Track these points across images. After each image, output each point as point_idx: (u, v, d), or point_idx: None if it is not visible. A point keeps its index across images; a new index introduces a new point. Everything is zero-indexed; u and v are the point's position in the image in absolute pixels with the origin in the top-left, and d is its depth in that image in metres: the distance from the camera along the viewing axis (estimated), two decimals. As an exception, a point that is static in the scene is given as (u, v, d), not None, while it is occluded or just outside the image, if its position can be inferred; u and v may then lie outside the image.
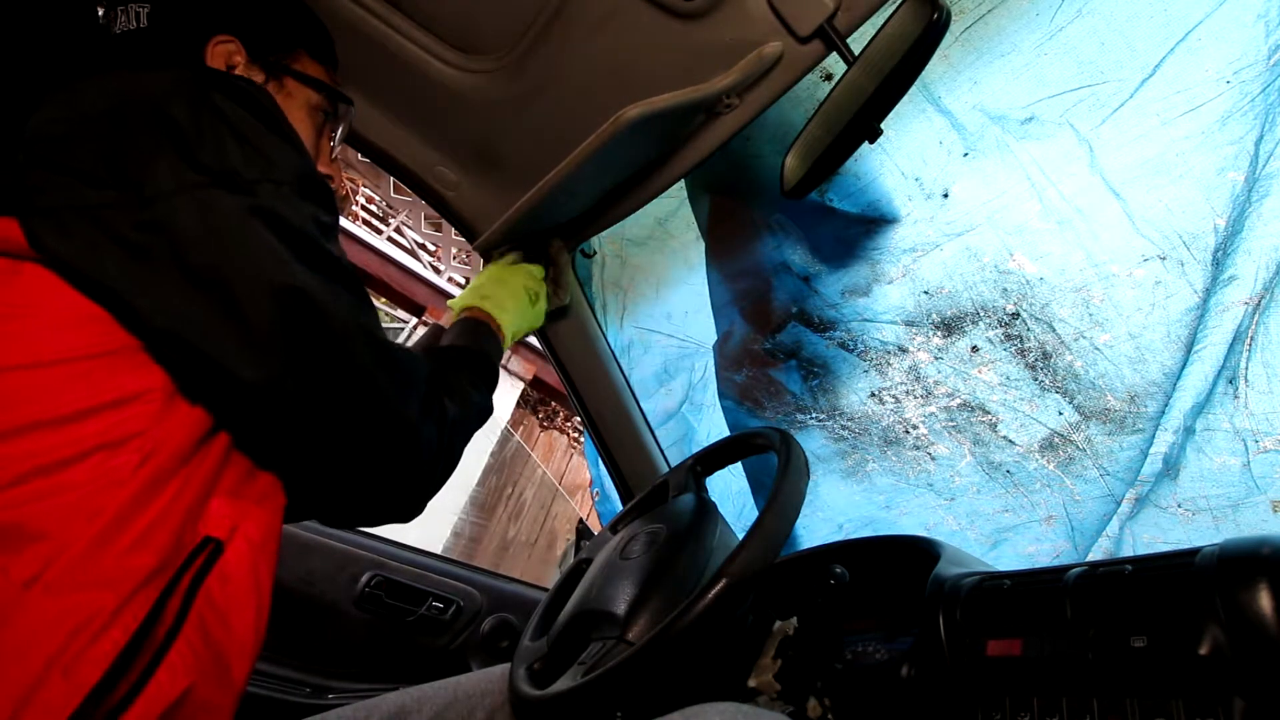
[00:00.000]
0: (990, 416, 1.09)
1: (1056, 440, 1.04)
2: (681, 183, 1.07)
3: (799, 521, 0.85)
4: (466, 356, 0.87)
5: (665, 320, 1.45)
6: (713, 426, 1.47)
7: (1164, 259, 0.89)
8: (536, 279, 1.09)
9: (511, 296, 1.04)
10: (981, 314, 1.06)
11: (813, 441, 1.29)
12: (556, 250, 1.16)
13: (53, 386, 0.51)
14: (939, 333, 1.10)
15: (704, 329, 1.42)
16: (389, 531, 1.35)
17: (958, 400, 1.12)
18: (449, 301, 1.10)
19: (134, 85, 0.60)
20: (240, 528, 0.58)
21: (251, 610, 0.58)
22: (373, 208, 5.76)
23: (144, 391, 0.54)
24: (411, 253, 5.58)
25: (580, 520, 1.52)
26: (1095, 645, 0.60)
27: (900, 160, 1.05)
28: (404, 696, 0.90)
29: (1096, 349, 0.97)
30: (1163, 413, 0.90)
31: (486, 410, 0.84)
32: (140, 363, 0.55)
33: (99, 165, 0.55)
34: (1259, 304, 0.80)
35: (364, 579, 1.28)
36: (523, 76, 0.93)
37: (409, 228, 5.59)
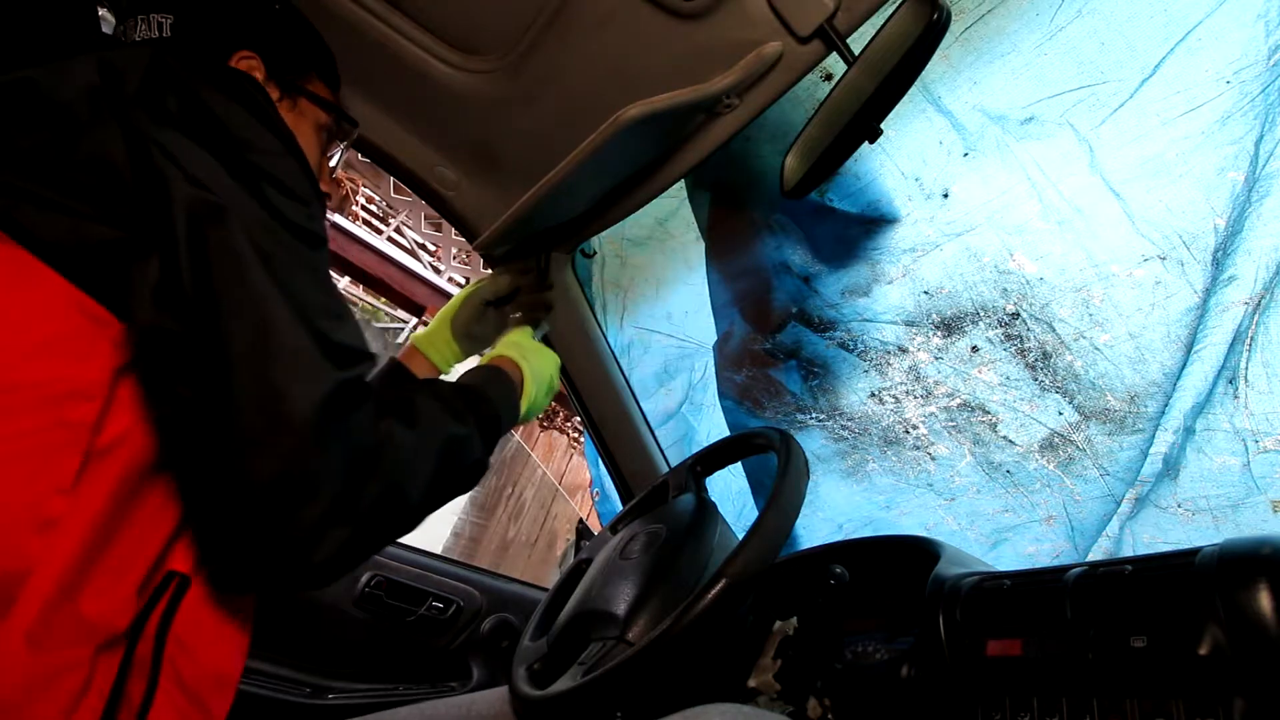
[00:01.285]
0: (990, 416, 1.09)
1: (1056, 440, 1.04)
2: (681, 183, 1.07)
3: (799, 521, 0.85)
4: (460, 390, 0.73)
5: (665, 320, 1.45)
6: (713, 426, 1.47)
7: (1164, 259, 0.89)
8: (559, 367, 1.01)
9: (543, 368, 0.94)
10: (981, 314, 1.06)
11: (813, 441, 1.29)
12: (555, 262, 1.16)
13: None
14: (939, 333, 1.10)
15: (704, 329, 1.42)
16: (389, 531, 1.35)
17: (958, 400, 1.12)
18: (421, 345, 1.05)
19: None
20: (205, 559, 0.56)
21: (226, 643, 0.57)
22: (373, 208, 5.76)
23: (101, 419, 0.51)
24: (411, 253, 5.58)
25: (580, 520, 1.52)
26: (1095, 645, 0.60)
27: (900, 160, 1.05)
28: (414, 713, 0.90)
29: (1096, 349, 0.97)
30: (1163, 413, 0.90)
31: (465, 455, 0.65)
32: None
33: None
34: (1259, 304, 0.80)
35: (364, 579, 1.28)
36: (523, 76, 0.93)
37: (409, 228, 5.59)
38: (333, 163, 0.87)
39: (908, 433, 1.19)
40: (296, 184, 0.59)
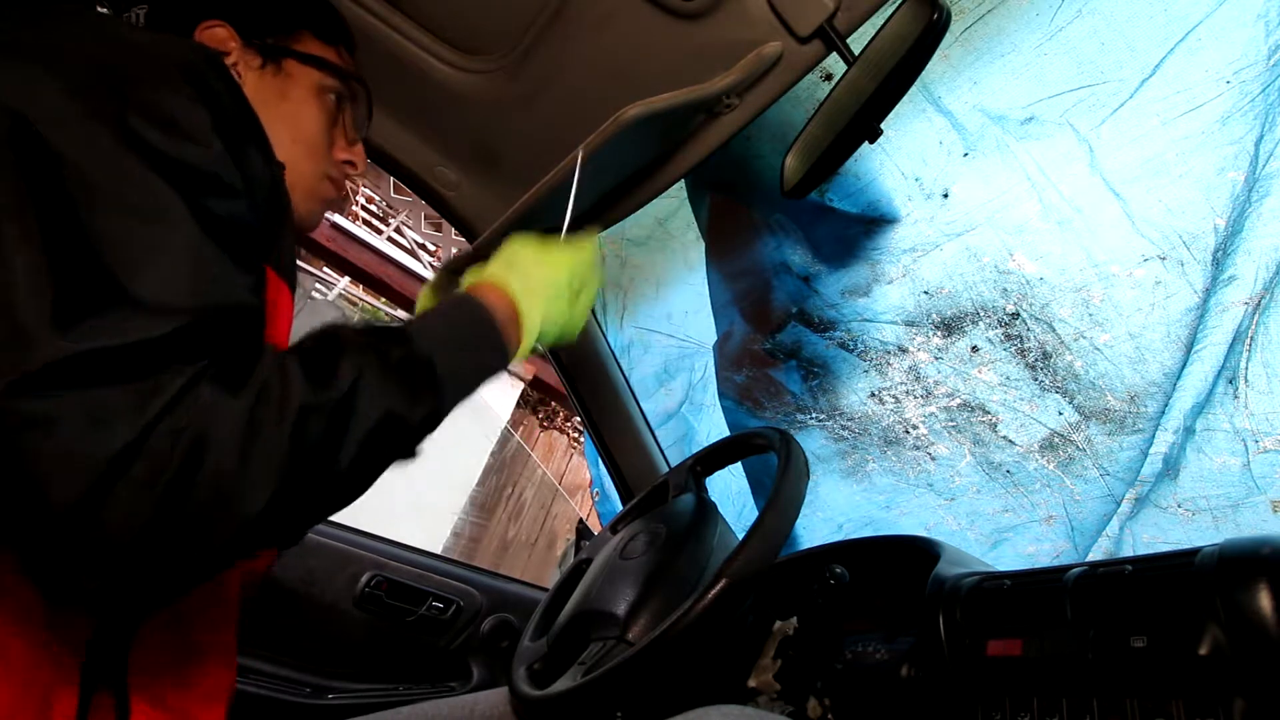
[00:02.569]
0: (990, 416, 1.09)
1: (1056, 440, 1.04)
2: (681, 183, 1.07)
3: (799, 521, 0.85)
4: (367, 335, 0.52)
5: (665, 320, 1.45)
6: (713, 426, 1.47)
7: (1164, 259, 0.89)
8: (588, 263, 0.78)
9: (549, 280, 0.73)
10: (981, 314, 1.06)
11: (813, 441, 1.29)
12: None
13: None
14: (939, 333, 1.10)
15: (704, 329, 1.42)
16: (389, 531, 1.36)
17: (958, 400, 1.12)
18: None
19: None
20: None
21: (204, 655, 0.55)
22: (373, 208, 5.76)
23: None
24: (411, 253, 5.58)
25: (580, 520, 1.52)
26: (1095, 645, 0.60)
27: (900, 160, 1.05)
28: (414, 713, 0.90)
29: (1096, 349, 0.97)
30: (1163, 413, 0.90)
31: (345, 426, 0.46)
32: None
33: None
34: (1259, 304, 0.80)
35: (364, 579, 1.28)
36: (523, 76, 0.93)
37: (409, 228, 5.59)
38: (352, 123, 0.78)
39: (908, 433, 1.19)
40: (188, 120, 0.48)
